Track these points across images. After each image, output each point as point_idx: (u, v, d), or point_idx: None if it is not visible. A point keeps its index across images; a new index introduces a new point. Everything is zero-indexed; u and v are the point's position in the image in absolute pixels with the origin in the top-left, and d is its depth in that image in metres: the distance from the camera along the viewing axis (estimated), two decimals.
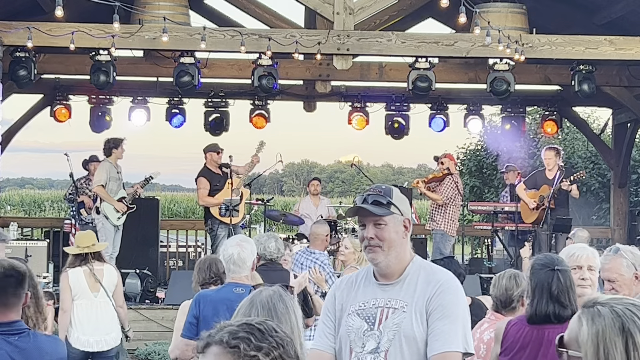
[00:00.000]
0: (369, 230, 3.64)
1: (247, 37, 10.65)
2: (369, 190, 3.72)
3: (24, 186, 55.87)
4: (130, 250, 12.86)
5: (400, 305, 3.60)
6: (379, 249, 3.62)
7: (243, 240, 5.60)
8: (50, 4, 10.04)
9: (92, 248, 7.73)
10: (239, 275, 5.49)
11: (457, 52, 11.01)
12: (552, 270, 4.40)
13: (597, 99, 12.94)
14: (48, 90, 14.29)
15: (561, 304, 4.34)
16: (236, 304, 5.39)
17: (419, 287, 3.62)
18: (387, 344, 3.55)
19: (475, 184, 23.59)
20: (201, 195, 12.36)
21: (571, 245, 4.96)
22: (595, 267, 4.72)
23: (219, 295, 5.50)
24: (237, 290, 5.47)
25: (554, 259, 4.50)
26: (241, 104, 14.59)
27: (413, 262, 3.70)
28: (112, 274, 7.89)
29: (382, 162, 73.83)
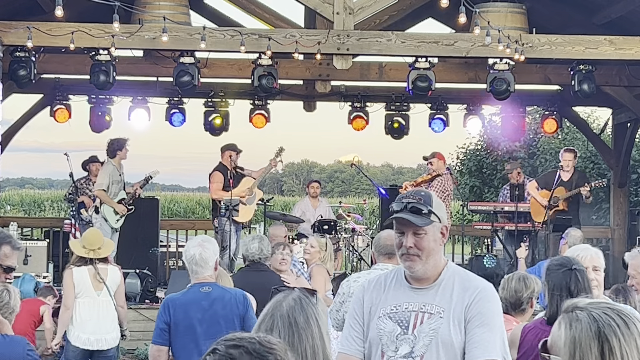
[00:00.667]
0: (408, 239, 3.57)
1: (247, 37, 10.64)
2: (407, 195, 3.63)
3: (23, 186, 55.88)
4: (130, 250, 12.87)
5: (436, 311, 3.56)
6: (417, 257, 3.58)
7: (205, 241, 5.61)
8: (50, 4, 10.04)
9: (97, 253, 7.75)
10: (202, 275, 5.50)
11: (457, 52, 11.01)
12: (569, 269, 4.39)
13: (597, 98, 12.93)
14: (48, 90, 14.28)
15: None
16: (205, 303, 5.43)
17: (456, 293, 3.58)
18: (423, 349, 3.51)
19: (475, 184, 23.60)
20: (215, 189, 12.45)
21: (575, 247, 4.91)
22: (600, 267, 4.68)
23: (187, 297, 5.50)
24: (204, 289, 5.49)
25: (570, 260, 4.48)
26: (241, 104, 14.59)
27: (447, 268, 3.66)
28: (115, 274, 7.92)
29: (382, 162, 73.91)
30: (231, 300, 5.48)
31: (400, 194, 3.73)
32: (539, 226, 12.23)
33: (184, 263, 14.14)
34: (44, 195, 41.98)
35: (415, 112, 14.74)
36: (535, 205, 12.52)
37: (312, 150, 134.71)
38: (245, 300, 5.53)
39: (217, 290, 5.53)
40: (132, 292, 11.57)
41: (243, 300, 5.52)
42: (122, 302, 8.07)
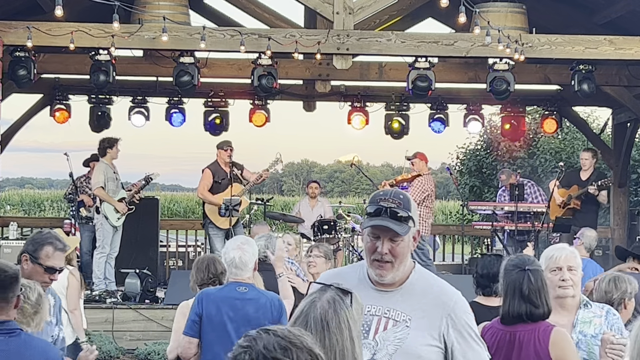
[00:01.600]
0: (383, 246, 3.38)
1: (247, 36, 10.64)
2: (385, 197, 3.42)
3: (23, 186, 55.87)
4: (130, 250, 12.87)
5: (402, 318, 3.40)
6: (389, 265, 3.39)
7: (244, 243, 5.64)
8: (49, 4, 10.04)
9: None
10: (241, 276, 5.53)
11: (457, 52, 11.01)
12: (522, 270, 4.43)
13: (597, 98, 12.93)
14: (48, 89, 14.28)
15: (533, 304, 4.36)
16: (239, 302, 5.45)
17: (426, 302, 3.42)
18: (386, 358, 3.37)
19: (475, 184, 23.60)
20: (201, 188, 12.47)
21: (551, 247, 4.90)
22: (575, 267, 4.66)
23: (222, 293, 5.54)
24: (241, 289, 5.51)
25: (525, 260, 4.51)
26: (241, 104, 14.59)
27: (415, 271, 3.49)
28: (62, 277, 7.69)
29: (381, 162, 73.88)
30: (266, 304, 5.51)
31: (376, 194, 3.48)
32: (539, 226, 12.23)
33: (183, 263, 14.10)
34: (43, 195, 41.97)
35: (415, 112, 14.74)
36: (553, 203, 12.62)
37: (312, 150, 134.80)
38: (280, 306, 5.55)
39: (253, 292, 5.56)
40: (132, 292, 11.57)
41: (278, 306, 5.55)
42: (73, 306, 7.73)
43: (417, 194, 12.09)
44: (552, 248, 4.84)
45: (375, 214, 3.41)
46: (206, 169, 12.42)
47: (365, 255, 3.50)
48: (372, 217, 3.42)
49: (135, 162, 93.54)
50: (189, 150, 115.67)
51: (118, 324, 11.00)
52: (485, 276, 5.93)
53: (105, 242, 11.79)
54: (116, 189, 11.94)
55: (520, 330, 4.33)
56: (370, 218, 3.43)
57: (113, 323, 10.95)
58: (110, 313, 11.02)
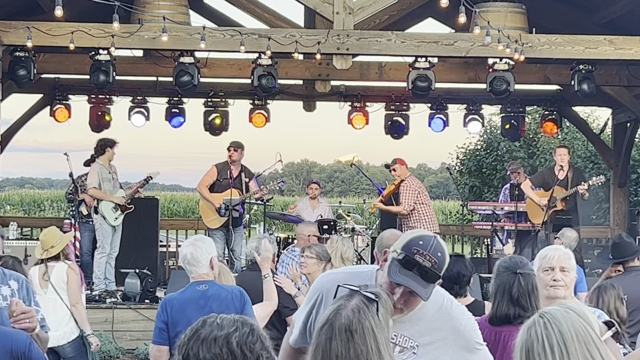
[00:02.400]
0: (400, 296, 3.25)
1: (247, 36, 10.64)
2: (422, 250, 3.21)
3: (23, 186, 55.87)
4: (130, 250, 12.86)
5: (410, 345, 3.34)
6: (399, 311, 3.28)
7: (197, 240, 5.65)
8: (49, 4, 10.04)
9: (49, 252, 7.67)
10: (197, 273, 5.53)
11: (457, 52, 11.01)
12: (514, 273, 4.43)
13: (597, 98, 12.94)
14: (48, 89, 14.28)
15: (522, 307, 4.36)
16: (202, 301, 5.44)
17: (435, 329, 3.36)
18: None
19: (475, 184, 23.61)
20: (200, 182, 12.54)
21: (546, 247, 4.89)
22: (568, 268, 4.62)
23: (184, 296, 5.53)
24: (201, 287, 5.51)
25: (517, 262, 4.50)
26: (241, 104, 14.59)
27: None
28: (60, 272, 7.71)
29: (381, 162, 73.83)
30: (227, 297, 5.48)
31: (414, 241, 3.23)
32: (539, 226, 12.21)
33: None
34: (43, 195, 41.98)
35: (415, 112, 14.74)
36: (532, 205, 12.43)
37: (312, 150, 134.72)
38: (242, 297, 5.54)
39: (214, 288, 5.54)
40: (131, 292, 11.57)
41: (240, 297, 5.52)
42: (75, 300, 7.78)
43: (409, 197, 12.07)
44: (547, 248, 4.83)
45: (405, 265, 3.23)
46: (214, 165, 12.50)
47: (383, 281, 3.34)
48: (401, 267, 3.23)
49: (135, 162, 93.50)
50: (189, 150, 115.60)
51: (118, 323, 11.00)
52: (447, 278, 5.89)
53: (105, 242, 11.79)
54: (113, 189, 11.94)
55: (506, 331, 4.32)
56: (400, 269, 3.24)
57: (113, 323, 10.96)
58: (110, 313, 11.02)
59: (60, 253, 7.75)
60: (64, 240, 7.85)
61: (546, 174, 12.62)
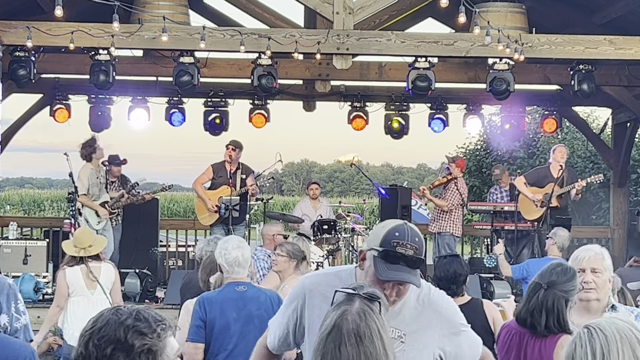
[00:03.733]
0: (392, 290, 3.27)
1: (247, 36, 10.64)
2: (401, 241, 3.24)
3: (23, 186, 55.89)
4: (130, 250, 12.86)
5: (396, 335, 3.34)
6: (392, 304, 3.31)
7: (241, 242, 5.67)
8: (49, 4, 10.04)
9: (89, 250, 7.70)
10: (240, 275, 5.54)
11: (457, 52, 11.00)
12: (539, 285, 4.33)
13: (597, 98, 12.94)
14: (47, 89, 14.28)
15: (534, 319, 4.28)
16: (240, 302, 5.45)
17: (416, 312, 3.38)
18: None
19: (475, 184, 23.62)
20: (196, 180, 12.65)
21: (580, 247, 4.72)
22: (600, 270, 4.49)
23: (222, 295, 5.53)
24: (240, 289, 5.52)
25: (552, 275, 4.33)
26: (241, 104, 14.59)
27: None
28: (109, 272, 7.87)
29: (381, 162, 73.91)
30: (266, 301, 5.51)
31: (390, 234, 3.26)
32: (539, 226, 12.21)
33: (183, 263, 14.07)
34: (43, 195, 42.00)
35: (415, 112, 14.74)
36: (525, 202, 12.43)
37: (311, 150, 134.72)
38: (280, 302, 5.53)
39: (252, 290, 5.57)
40: (131, 292, 11.57)
41: (278, 302, 5.52)
42: (119, 299, 7.99)
43: (455, 198, 12.40)
44: (580, 249, 4.68)
45: (390, 260, 3.24)
46: (210, 165, 12.61)
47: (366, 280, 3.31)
48: (387, 263, 3.24)
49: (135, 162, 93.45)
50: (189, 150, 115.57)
51: None
52: (444, 278, 5.91)
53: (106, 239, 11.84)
54: (99, 192, 11.97)
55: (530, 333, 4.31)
56: (386, 265, 3.24)
57: None
58: None
59: (100, 253, 7.82)
60: (101, 241, 7.95)
61: (541, 172, 12.64)
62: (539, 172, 12.70)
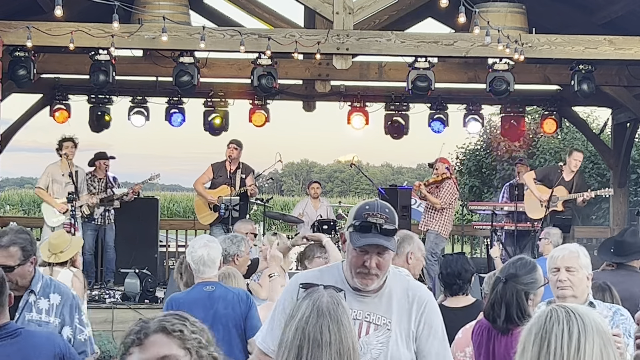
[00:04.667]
0: (372, 260, 3.40)
1: (247, 36, 10.64)
2: (372, 212, 3.42)
3: (23, 186, 55.84)
4: (130, 250, 12.86)
5: (383, 322, 3.46)
6: (375, 277, 3.43)
7: (210, 241, 5.67)
8: (49, 4, 10.04)
9: (59, 257, 7.55)
10: (207, 275, 5.53)
11: (457, 52, 11.00)
12: (499, 279, 4.44)
13: (597, 98, 12.93)
14: (47, 89, 14.28)
15: (494, 313, 4.35)
16: (208, 302, 5.44)
17: (400, 302, 3.49)
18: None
19: (474, 184, 23.62)
20: (198, 179, 12.67)
21: (557, 247, 4.86)
22: (575, 268, 4.58)
23: (190, 296, 5.55)
24: (207, 289, 5.52)
25: (511, 268, 4.46)
26: (241, 104, 14.59)
27: (390, 274, 3.54)
28: (65, 279, 7.63)
29: (381, 162, 73.93)
30: (233, 300, 5.49)
31: (361, 208, 3.45)
32: (539, 226, 12.21)
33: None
34: None
35: (414, 112, 14.74)
36: (531, 200, 12.39)
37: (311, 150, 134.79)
38: (248, 300, 5.54)
39: (220, 289, 5.55)
40: (131, 292, 11.57)
41: (246, 300, 5.53)
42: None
43: (449, 196, 12.35)
44: (556, 248, 4.82)
45: (364, 230, 3.40)
46: (211, 164, 12.64)
47: (348, 265, 3.49)
48: (361, 233, 3.41)
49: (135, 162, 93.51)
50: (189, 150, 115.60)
51: (118, 324, 11.00)
52: (450, 274, 5.98)
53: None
54: (63, 192, 11.93)
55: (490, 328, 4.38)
56: (360, 235, 3.41)
57: (113, 323, 10.95)
58: (110, 313, 11.02)
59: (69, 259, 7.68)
60: (74, 247, 7.73)
61: (551, 171, 12.60)
62: (550, 171, 12.66)
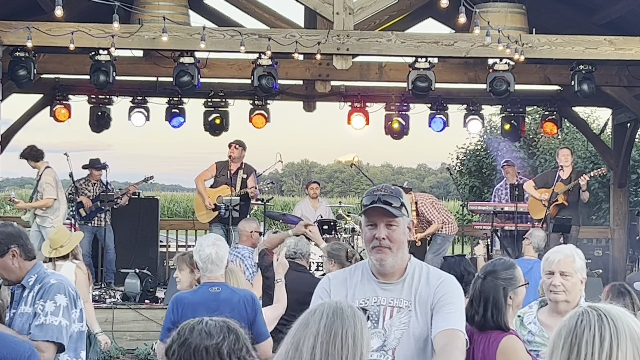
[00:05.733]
0: (381, 231, 3.60)
1: (247, 37, 10.64)
2: (378, 189, 3.67)
3: (23, 186, 55.80)
4: (130, 250, 12.86)
5: (405, 305, 3.62)
6: (388, 250, 3.61)
7: (218, 240, 5.62)
8: (49, 4, 10.04)
9: (59, 251, 7.67)
10: (215, 274, 5.49)
11: (457, 52, 11.00)
12: (478, 276, 4.39)
13: (597, 99, 12.93)
14: (48, 90, 14.29)
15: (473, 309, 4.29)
16: (213, 304, 5.40)
17: (421, 287, 3.65)
18: (395, 342, 3.57)
19: (474, 184, 23.63)
20: (198, 176, 12.68)
21: (552, 249, 4.76)
22: (570, 272, 4.51)
23: (195, 297, 5.48)
24: (213, 290, 5.46)
25: (489, 266, 4.42)
26: (241, 104, 14.59)
27: (411, 262, 3.72)
28: (68, 272, 7.71)
29: (381, 162, 73.88)
30: (239, 303, 5.42)
31: (369, 190, 3.72)
32: (539, 226, 12.22)
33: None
34: None
35: (415, 112, 14.74)
36: (534, 202, 12.49)
37: (312, 150, 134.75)
38: (254, 303, 5.47)
39: (226, 291, 5.49)
40: (131, 292, 11.57)
41: (252, 303, 5.45)
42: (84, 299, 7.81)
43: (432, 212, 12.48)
44: (551, 250, 4.75)
45: (371, 202, 3.62)
46: (215, 162, 12.67)
47: (365, 246, 3.71)
48: (369, 205, 3.63)
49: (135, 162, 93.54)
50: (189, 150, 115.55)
51: (118, 324, 11.00)
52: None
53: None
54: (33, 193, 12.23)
55: (476, 332, 4.28)
56: (368, 208, 3.63)
57: (113, 323, 10.95)
58: (110, 313, 11.02)
59: (70, 252, 7.76)
60: (74, 240, 7.85)
61: (549, 175, 12.71)
62: (547, 176, 12.77)
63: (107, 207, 12.56)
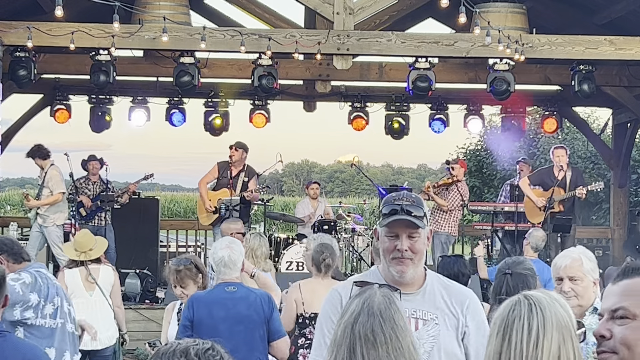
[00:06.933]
0: (403, 242, 3.47)
1: (247, 37, 10.64)
2: (400, 198, 3.52)
3: (23, 186, 55.79)
4: (130, 250, 12.86)
5: (430, 317, 3.52)
6: (409, 261, 3.49)
7: (232, 242, 5.68)
8: (50, 4, 10.04)
9: (89, 254, 7.77)
10: (229, 276, 5.54)
11: (457, 52, 11.00)
12: (503, 274, 4.43)
13: (597, 99, 12.93)
14: (48, 90, 14.28)
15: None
16: (230, 302, 5.45)
17: (443, 300, 3.56)
18: (425, 356, 3.45)
19: (475, 184, 23.60)
20: (203, 178, 12.66)
21: (561, 253, 4.65)
22: (579, 277, 4.41)
23: (211, 295, 5.55)
24: (229, 289, 5.52)
25: (508, 263, 4.47)
26: (241, 104, 14.59)
27: (428, 273, 3.64)
28: (108, 274, 7.91)
29: (382, 162, 73.91)
30: (256, 301, 5.50)
31: (389, 196, 3.57)
32: (539, 226, 12.20)
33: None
34: None
35: (415, 112, 14.74)
36: (530, 205, 12.42)
37: (312, 150, 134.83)
38: (270, 302, 5.55)
39: (242, 290, 5.56)
40: (132, 292, 11.57)
41: (268, 302, 5.53)
42: (119, 302, 8.08)
43: (456, 199, 12.45)
44: (558, 256, 4.63)
45: (391, 213, 3.49)
46: (217, 163, 12.62)
47: (383, 256, 3.55)
48: (389, 216, 3.49)
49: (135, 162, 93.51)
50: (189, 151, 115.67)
51: None
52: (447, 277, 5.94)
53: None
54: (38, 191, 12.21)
55: None
56: (389, 217, 3.49)
57: None
58: None
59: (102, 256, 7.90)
60: (102, 244, 8.01)
61: (544, 173, 12.61)
62: (542, 173, 12.69)
63: (107, 206, 12.56)
